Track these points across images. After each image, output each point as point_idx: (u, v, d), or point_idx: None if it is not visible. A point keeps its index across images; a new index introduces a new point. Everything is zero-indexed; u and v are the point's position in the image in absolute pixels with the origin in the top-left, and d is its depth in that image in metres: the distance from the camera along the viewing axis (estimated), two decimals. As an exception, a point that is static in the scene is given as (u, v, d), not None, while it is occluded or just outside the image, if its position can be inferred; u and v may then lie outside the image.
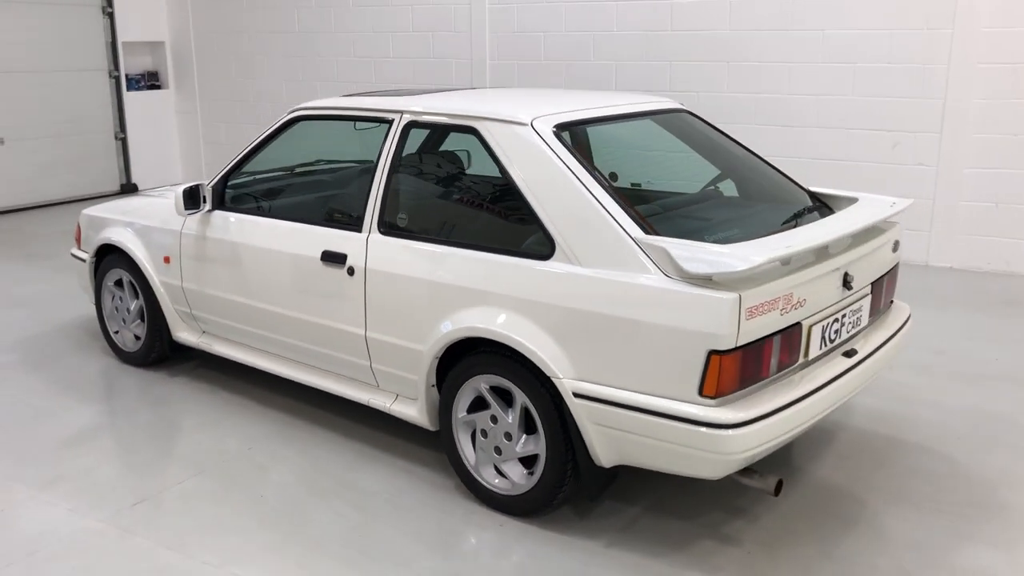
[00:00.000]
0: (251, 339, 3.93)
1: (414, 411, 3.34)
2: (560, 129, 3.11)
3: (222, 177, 3.94)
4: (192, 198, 3.87)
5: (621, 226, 2.78)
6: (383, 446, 3.61)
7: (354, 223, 3.43)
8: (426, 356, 3.17)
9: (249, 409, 3.98)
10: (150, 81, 9.95)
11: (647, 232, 2.77)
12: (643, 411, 2.68)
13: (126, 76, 9.53)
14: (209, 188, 3.91)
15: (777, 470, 3.37)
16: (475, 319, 3.00)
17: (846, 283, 2.97)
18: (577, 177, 2.92)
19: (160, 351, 4.38)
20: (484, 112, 3.20)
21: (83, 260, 4.62)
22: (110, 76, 9.39)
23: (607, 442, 2.81)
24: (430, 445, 3.58)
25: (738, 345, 2.56)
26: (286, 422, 3.84)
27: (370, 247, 3.33)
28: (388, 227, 3.33)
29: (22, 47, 8.55)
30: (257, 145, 3.89)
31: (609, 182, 2.96)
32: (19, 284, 6.02)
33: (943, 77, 6.15)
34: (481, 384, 3.07)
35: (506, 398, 3.05)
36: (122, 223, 4.37)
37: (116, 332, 4.54)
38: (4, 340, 4.90)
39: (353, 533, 3.00)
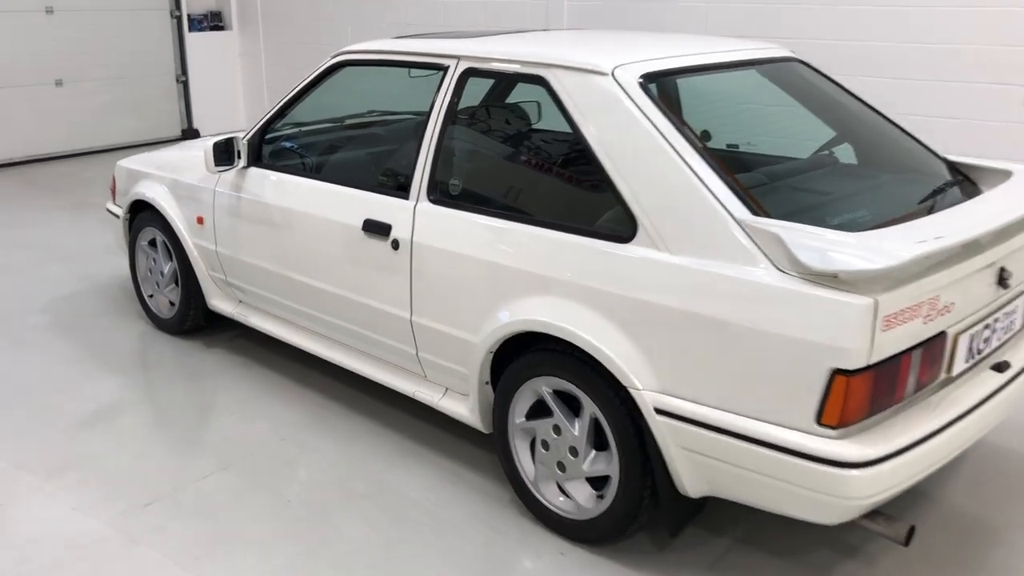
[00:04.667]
0: (288, 313, 3.51)
1: (465, 409, 2.88)
2: (648, 80, 2.54)
3: (259, 129, 3.49)
4: (226, 153, 3.44)
5: (722, 204, 2.23)
6: (428, 441, 3.16)
7: (401, 189, 2.94)
8: (479, 349, 2.68)
9: (284, 388, 3.57)
10: (213, 22, 9.56)
11: (755, 213, 2.21)
12: (744, 438, 2.16)
13: (188, 16, 9.14)
14: (244, 142, 3.47)
15: (898, 502, 2.82)
16: (536, 310, 2.50)
17: (1002, 281, 2.38)
18: (668, 141, 2.36)
19: (195, 320, 4.00)
20: (556, 58, 2.64)
21: (117, 216, 4.26)
22: (171, 16, 9.02)
23: (696, 470, 2.30)
24: (482, 443, 3.12)
25: (871, 363, 2.01)
26: (322, 405, 3.43)
27: (418, 217, 2.84)
28: (439, 194, 2.83)
29: (80, -16, 8.24)
30: (298, 93, 3.42)
31: (708, 149, 2.39)
32: (65, 236, 5.73)
33: (1089, 24, 5.33)
34: (543, 387, 2.58)
35: (573, 406, 2.55)
36: (156, 177, 3.96)
37: (150, 296, 4.18)
38: (39, 299, 4.59)
39: (385, 552, 2.56)
